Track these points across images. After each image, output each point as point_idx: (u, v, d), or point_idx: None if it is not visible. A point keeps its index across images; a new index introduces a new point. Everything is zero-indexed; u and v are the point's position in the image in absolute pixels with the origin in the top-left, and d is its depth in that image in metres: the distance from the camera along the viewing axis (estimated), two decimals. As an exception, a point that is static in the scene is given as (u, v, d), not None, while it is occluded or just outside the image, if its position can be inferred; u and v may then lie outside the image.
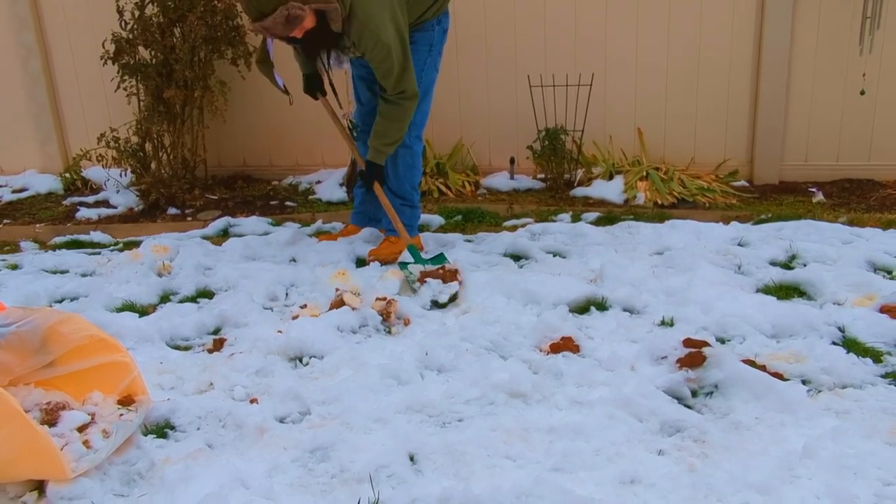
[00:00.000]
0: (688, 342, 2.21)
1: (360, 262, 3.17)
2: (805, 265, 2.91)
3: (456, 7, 4.21)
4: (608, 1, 4.17)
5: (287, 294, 2.86)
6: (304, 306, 2.71)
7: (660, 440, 1.86)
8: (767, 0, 3.99)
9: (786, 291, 2.71)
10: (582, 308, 2.63)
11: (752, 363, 2.16)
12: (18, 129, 4.80)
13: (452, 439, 1.87)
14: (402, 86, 2.88)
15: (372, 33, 2.75)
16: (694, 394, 2.06)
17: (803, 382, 2.10)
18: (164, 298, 2.90)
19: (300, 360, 2.35)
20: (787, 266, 2.95)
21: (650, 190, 4.01)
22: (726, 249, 3.10)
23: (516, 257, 3.17)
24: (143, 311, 2.76)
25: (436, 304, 2.72)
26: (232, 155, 4.73)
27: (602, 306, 2.62)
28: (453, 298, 2.72)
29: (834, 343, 2.30)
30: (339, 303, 2.66)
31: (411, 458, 1.82)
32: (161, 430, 1.99)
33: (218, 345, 2.48)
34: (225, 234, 3.73)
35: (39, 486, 1.74)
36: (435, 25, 3.07)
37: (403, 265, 2.96)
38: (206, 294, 2.92)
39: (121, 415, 1.95)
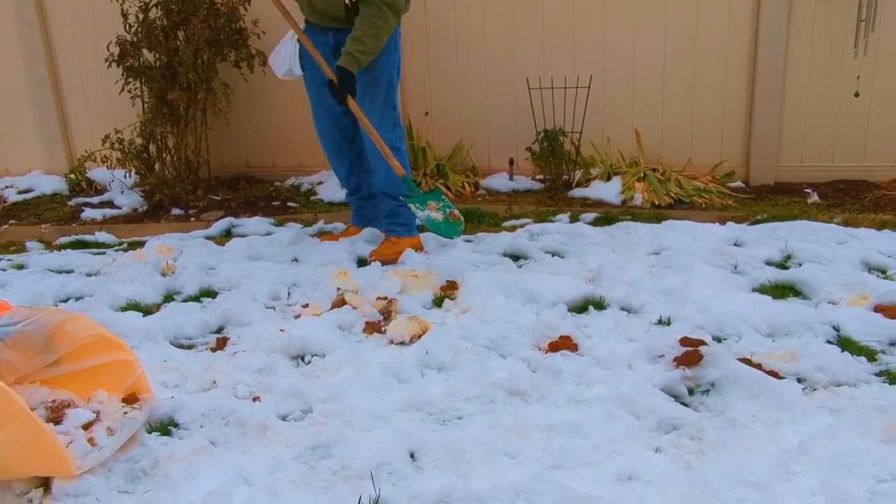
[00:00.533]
0: (684, 341, 2.22)
1: (362, 262, 3.19)
2: (800, 265, 2.92)
3: (456, 11, 4.25)
4: (606, 5, 4.19)
5: (289, 293, 2.87)
6: (306, 305, 2.74)
7: (657, 437, 1.87)
8: (763, 5, 4.01)
9: (781, 291, 2.71)
10: (580, 307, 2.63)
11: (748, 362, 2.17)
12: (24, 130, 4.82)
13: (452, 437, 1.88)
14: None
15: None
16: (691, 392, 2.07)
17: (798, 381, 2.10)
18: (168, 298, 2.91)
19: (302, 359, 2.36)
20: (782, 266, 2.96)
21: (647, 191, 4.03)
22: (722, 249, 3.11)
23: (515, 257, 3.18)
24: (147, 311, 2.77)
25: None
26: (235, 156, 4.75)
27: (600, 305, 2.63)
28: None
29: (829, 342, 2.30)
30: (340, 302, 2.69)
31: (412, 456, 1.82)
32: (165, 427, 2.00)
33: (221, 343, 2.50)
34: (228, 235, 3.75)
35: (45, 483, 1.74)
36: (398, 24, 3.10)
37: (408, 198, 3.01)
38: (210, 293, 2.93)
39: (125, 413, 1.96)
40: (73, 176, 4.66)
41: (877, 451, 1.76)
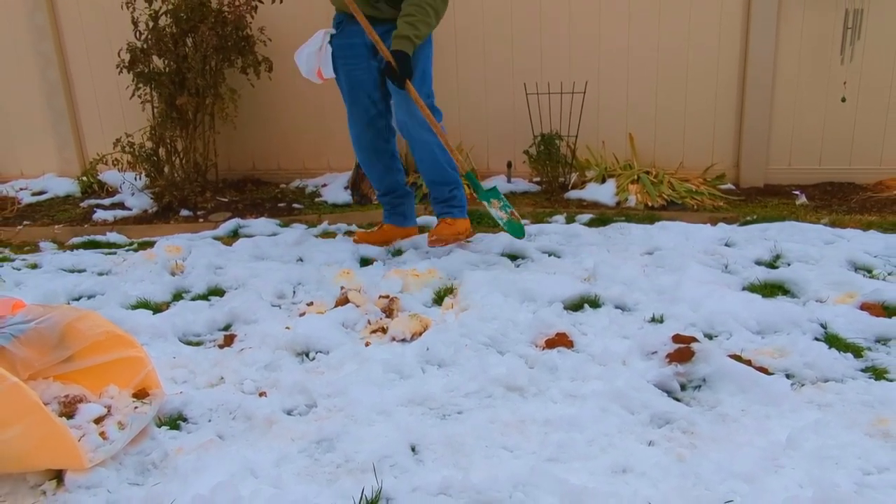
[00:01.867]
0: (677, 338, 2.24)
1: (364, 262, 3.23)
2: (789, 264, 2.93)
3: (455, 17, 4.31)
4: (601, 12, 4.25)
5: (294, 292, 2.90)
6: (311, 304, 2.77)
7: (650, 431, 1.87)
8: (753, 13, 4.06)
9: (770, 289, 2.73)
10: (576, 305, 2.64)
11: (738, 358, 2.18)
12: (37, 134, 4.89)
13: (452, 431, 1.88)
14: None
15: None
16: (683, 387, 2.08)
17: (787, 376, 2.10)
18: (177, 296, 2.95)
19: (307, 356, 2.38)
20: (771, 265, 2.98)
21: (641, 193, 4.07)
22: (714, 249, 3.13)
23: (513, 257, 3.20)
24: (157, 309, 2.79)
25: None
26: (242, 159, 4.82)
27: (595, 304, 2.64)
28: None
29: (816, 339, 2.31)
30: (343, 300, 2.72)
31: (413, 449, 1.83)
32: (174, 421, 2.01)
33: (228, 340, 2.52)
34: (235, 235, 3.80)
35: (58, 476, 1.75)
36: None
37: (485, 196, 3.02)
38: (217, 292, 2.96)
39: (136, 407, 1.98)
40: (85, 178, 4.72)
41: (863, 445, 1.77)
